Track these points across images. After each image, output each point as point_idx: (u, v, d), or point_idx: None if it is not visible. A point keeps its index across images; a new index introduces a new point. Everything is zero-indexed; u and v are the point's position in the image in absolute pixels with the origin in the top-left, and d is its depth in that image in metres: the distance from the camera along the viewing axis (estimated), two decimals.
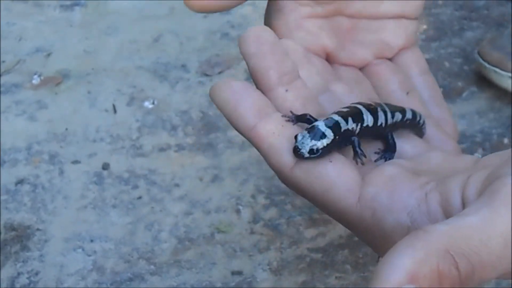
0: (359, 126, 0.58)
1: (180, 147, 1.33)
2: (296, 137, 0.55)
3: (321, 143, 0.55)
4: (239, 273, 1.12)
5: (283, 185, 1.19)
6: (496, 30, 1.57)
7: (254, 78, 0.62)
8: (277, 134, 0.57)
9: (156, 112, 1.41)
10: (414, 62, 0.73)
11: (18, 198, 1.25)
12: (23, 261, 1.15)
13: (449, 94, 1.43)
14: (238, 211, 1.21)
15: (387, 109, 0.61)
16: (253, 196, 1.24)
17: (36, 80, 1.50)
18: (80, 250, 1.17)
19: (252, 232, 1.18)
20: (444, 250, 0.45)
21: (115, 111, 1.42)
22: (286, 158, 0.57)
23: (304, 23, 0.68)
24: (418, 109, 0.67)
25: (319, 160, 0.56)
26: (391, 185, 0.55)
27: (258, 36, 0.62)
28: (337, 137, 0.56)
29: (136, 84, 1.47)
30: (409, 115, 0.64)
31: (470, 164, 0.56)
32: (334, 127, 0.56)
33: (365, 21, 0.71)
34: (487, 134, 1.35)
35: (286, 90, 0.61)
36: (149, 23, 1.63)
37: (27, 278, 1.13)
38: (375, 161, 0.61)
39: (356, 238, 1.10)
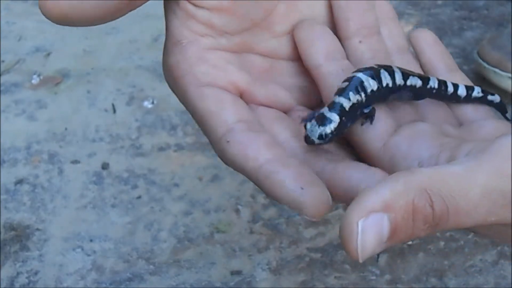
0: (363, 95, 0.59)
1: (179, 147, 1.33)
2: (305, 126, 0.57)
3: (329, 128, 0.57)
4: (239, 272, 1.12)
5: None
6: (496, 30, 1.57)
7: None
8: None
9: (156, 112, 1.41)
10: None
11: (17, 197, 1.25)
12: (22, 261, 1.15)
13: None
14: (237, 211, 1.21)
15: (396, 71, 0.61)
16: (252, 196, 1.24)
17: (35, 80, 1.50)
18: (79, 249, 1.17)
19: (251, 232, 1.18)
20: (422, 188, 0.47)
21: (114, 110, 1.42)
22: None
23: (206, 55, 0.60)
24: None
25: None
26: (415, 137, 0.57)
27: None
28: (343, 118, 0.57)
29: (135, 83, 1.47)
30: (433, 83, 0.63)
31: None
32: (339, 109, 0.58)
33: (282, 62, 0.65)
34: None
35: None
36: (148, 23, 1.63)
37: (27, 277, 1.13)
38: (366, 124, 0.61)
39: None
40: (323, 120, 0.57)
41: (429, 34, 0.70)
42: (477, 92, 0.66)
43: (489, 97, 0.67)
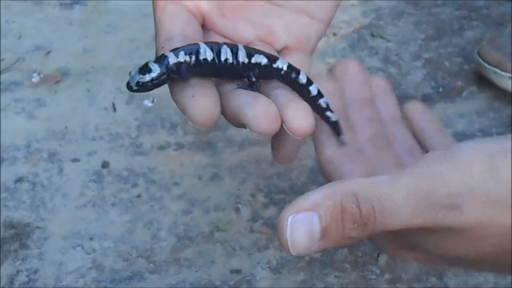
0: (194, 59, 0.62)
1: (179, 146, 1.33)
2: (130, 73, 0.63)
3: (148, 76, 0.62)
4: (238, 271, 1.12)
5: (282, 184, 1.19)
6: (496, 29, 1.57)
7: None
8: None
9: (156, 111, 1.40)
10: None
11: (17, 196, 1.25)
12: (22, 259, 1.15)
13: (449, 94, 1.44)
14: (237, 210, 1.21)
15: (239, 47, 0.64)
16: (252, 195, 1.24)
17: (35, 78, 1.50)
18: (79, 248, 1.17)
19: (251, 231, 1.18)
20: (349, 192, 0.51)
21: (114, 109, 1.42)
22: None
23: None
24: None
25: None
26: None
27: None
28: (164, 70, 0.62)
29: None
30: (282, 65, 0.65)
31: None
32: (161, 62, 0.62)
33: (260, 2, 0.68)
34: (486, 133, 1.35)
35: None
36: (148, 22, 1.62)
37: (26, 276, 1.13)
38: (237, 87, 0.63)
39: None
40: (144, 70, 0.62)
41: (419, 105, 0.79)
42: (323, 101, 0.68)
43: (328, 113, 0.69)
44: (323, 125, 0.70)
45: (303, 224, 0.50)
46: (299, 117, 0.59)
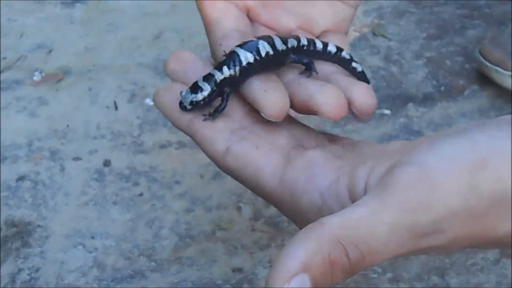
0: (238, 69, 0.64)
1: (181, 144, 1.33)
2: (181, 93, 0.63)
3: (200, 95, 0.63)
4: (240, 270, 1.12)
5: None
6: (498, 28, 1.57)
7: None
8: (208, 127, 0.64)
9: (157, 109, 1.40)
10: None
11: (19, 194, 1.25)
12: (24, 258, 1.15)
13: (451, 93, 1.43)
14: (239, 208, 1.21)
15: (274, 37, 0.66)
16: (254, 194, 1.23)
17: (37, 77, 1.50)
18: (80, 246, 1.17)
19: (253, 229, 1.18)
20: (335, 241, 0.49)
21: (116, 108, 1.42)
22: (217, 147, 0.63)
23: None
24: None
25: (246, 147, 0.61)
26: (310, 168, 0.59)
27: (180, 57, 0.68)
28: (215, 87, 0.63)
29: (137, 81, 1.47)
30: (303, 41, 0.68)
31: (395, 148, 0.59)
32: (210, 80, 0.63)
33: None
34: None
35: None
36: (150, 20, 1.63)
37: (28, 274, 1.13)
38: (307, 76, 0.66)
39: None
40: (196, 89, 0.63)
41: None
42: (345, 53, 0.70)
43: (353, 64, 0.71)
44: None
45: None
46: (364, 97, 0.62)
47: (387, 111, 1.39)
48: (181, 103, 0.64)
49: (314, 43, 0.68)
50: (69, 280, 1.12)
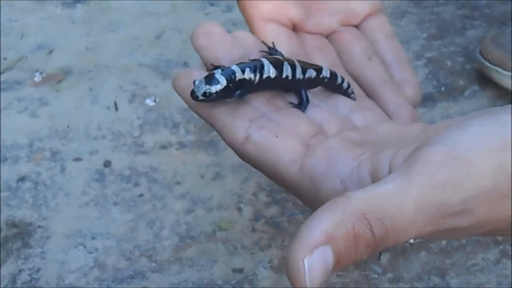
0: (258, 77, 0.63)
1: (181, 145, 1.33)
2: (194, 82, 0.62)
3: (214, 88, 0.61)
4: (240, 270, 1.13)
5: None
6: (498, 29, 1.57)
7: (207, 69, 0.67)
8: (228, 115, 0.63)
9: (158, 110, 1.41)
10: (379, 28, 0.79)
11: (19, 195, 1.25)
12: (24, 258, 1.15)
13: (451, 93, 1.43)
14: (239, 209, 1.21)
15: (297, 64, 0.67)
16: (254, 194, 1.24)
17: (37, 77, 1.50)
18: (81, 247, 1.17)
19: (253, 230, 1.18)
20: (360, 214, 0.48)
21: (116, 108, 1.42)
22: (237, 135, 0.63)
23: None
24: (379, 73, 0.73)
25: (266, 135, 0.62)
26: (330, 155, 0.59)
27: (207, 31, 0.68)
28: (230, 84, 0.62)
29: (138, 81, 1.47)
30: (326, 73, 0.69)
31: (416, 133, 0.59)
32: (229, 75, 0.62)
33: None
34: None
35: None
36: (151, 20, 1.63)
37: (28, 275, 1.13)
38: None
39: None
40: (211, 80, 0.61)
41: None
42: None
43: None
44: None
45: (319, 262, 0.47)
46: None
47: None
48: (193, 92, 0.62)
49: (336, 77, 0.70)
50: (70, 280, 1.12)
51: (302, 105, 0.67)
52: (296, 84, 0.67)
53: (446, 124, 0.54)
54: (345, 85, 0.71)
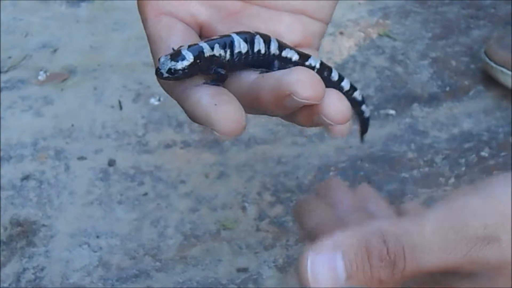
0: (228, 53, 0.59)
1: (186, 144, 1.33)
2: (159, 59, 0.58)
3: (180, 64, 0.56)
4: (245, 270, 1.12)
5: (289, 182, 1.19)
6: (503, 29, 1.57)
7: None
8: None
9: (162, 109, 1.40)
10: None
11: (24, 193, 1.25)
12: (28, 257, 1.15)
13: (456, 93, 1.43)
14: (244, 208, 1.21)
15: (272, 39, 0.61)
16: (259, 193, 1.24)
17: (42, 76, 1.50)
18: (86, 246, 1.17)
19: (257, 229, 1.18)
20: (375, 228, 0.47)
21: (121, 107, 1.42)
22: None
23: None
24: None
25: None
26: None
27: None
28: (198, 61, 0.57)
29: (142, 80, 1.47)
30: (314, 63, 0.63)
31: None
32: (197, 51, 0.57)
33: (256, 8, 0.65)
34: (493, 132, 1.34)
35: None
36: None
37: (33, 273, 1.13)
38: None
39: None
40: (177, 56, 0.57)
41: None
42: (357, 94, 0.66)
43: (363, 107, 0.68)
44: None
45: (324, 262, 0.47)
46: (337, 103, 0.55)
47: (392, 111, 1.39)
48: (157, 69, 0.58)
49: (330, 72, 0.64)
50: (74, 279, 1.12)
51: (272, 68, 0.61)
52: (271, 61, 0.61)
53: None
54: (345, 85, 0.65)
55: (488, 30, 1.59)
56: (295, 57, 0.62)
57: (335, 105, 0.54)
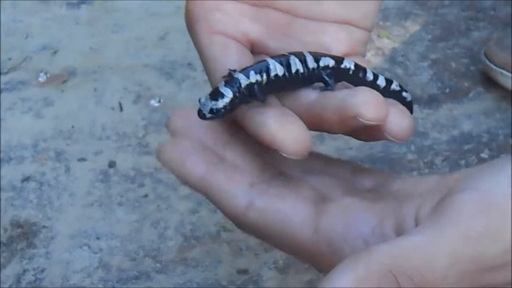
0: (265, 77, 0.58)
1: None
2: (199, 100, 0.58)
3: (221, 103, 0.56)
4: (245, 271, 1.12)
5: None
6: (503, 30, 1.57)
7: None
8: (225, 181, 0.59)
9: (163, 110, 1.40)
10: None
11: (24, 195, 1.25)
12: (29, 258, 1.15)
13: (456, 95, 1.43)
14: None
15: (306, 54, 0.61)
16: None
17: (42, 78, 1.50)
18: (86, 247, 1.17)
19: None
20: (385, 270, 0.44)
21: (121, 109, 1.42)
22: (237, 203, 0.58)
23: (223, 5, 0.63)
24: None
25: (270, 199, 0.56)
26: (346, 215, 0.54)
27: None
28: (238, 94, 0.57)
29: (142, 82, 1.47)
30: (349, 64, 0.62)
31: (431, 185, 0.55)
32: (234, 85, 0.57)
33: (302, 20, 0.65)
34: (493, 134, 1.35)
35: None
36: (155, 21, 1.63)
37: (33, 275, 1.13)
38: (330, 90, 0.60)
39: None
40: (216, 95, 0.57)
41: None
42: (395, 85, 0.65)
43: (404, 94, 0.66)
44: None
45: None
46: (399, 118, 0.56)
47: None
48: (199, 111, 0.57)
49: (365, 72, 0.63)
50: (74, 280, 1.12)
51: (329, 85, 0.61)
52: (314, 76, 0.61)
53: (472, 170, 0.51)
54: (381, 82, 0.64)
55: (488, 31, 1.59)
56: (332, 62, 0.62)
57: (398, 123, 0.55)
